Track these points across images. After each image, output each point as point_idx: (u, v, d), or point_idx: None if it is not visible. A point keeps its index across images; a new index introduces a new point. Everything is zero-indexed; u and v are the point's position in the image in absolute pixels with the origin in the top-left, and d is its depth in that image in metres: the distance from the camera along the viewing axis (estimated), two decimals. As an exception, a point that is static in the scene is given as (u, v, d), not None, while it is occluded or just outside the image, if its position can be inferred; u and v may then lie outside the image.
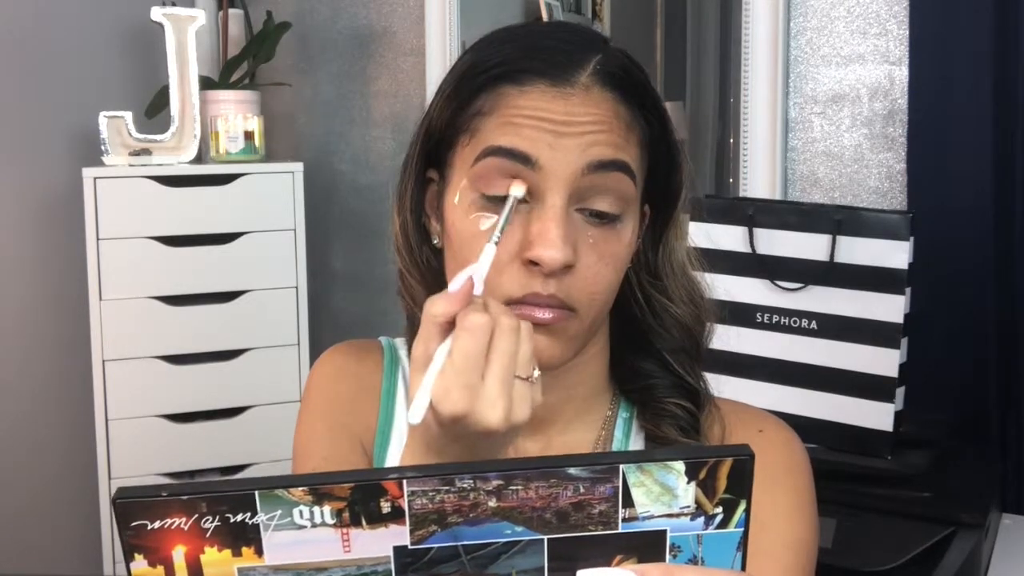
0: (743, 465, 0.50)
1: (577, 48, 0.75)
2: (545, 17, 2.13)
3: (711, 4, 2.12)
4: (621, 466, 0.50)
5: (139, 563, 0.49)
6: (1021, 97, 1.49)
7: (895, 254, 1.30)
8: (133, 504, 0.48)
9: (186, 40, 2.12)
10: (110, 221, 2.06)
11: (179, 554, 0.49)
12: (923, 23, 1.58)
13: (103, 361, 2.08)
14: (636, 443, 0.83)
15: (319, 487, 0.49)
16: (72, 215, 2.17)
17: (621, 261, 0.76)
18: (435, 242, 0.80)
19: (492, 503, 0.50)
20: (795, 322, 1.38)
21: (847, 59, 1.71)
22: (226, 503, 0.49)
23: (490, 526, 0.50)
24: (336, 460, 0.84)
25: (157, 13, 2.11)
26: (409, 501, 0.49)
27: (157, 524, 0.49)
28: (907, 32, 1.63)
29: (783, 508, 0.78)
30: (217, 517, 0.49)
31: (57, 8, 2.36)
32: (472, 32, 2.06)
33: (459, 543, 0.50)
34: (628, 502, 0.50)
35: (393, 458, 0.85)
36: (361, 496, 0.49)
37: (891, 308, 1.30)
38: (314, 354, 2.20)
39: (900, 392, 1.33)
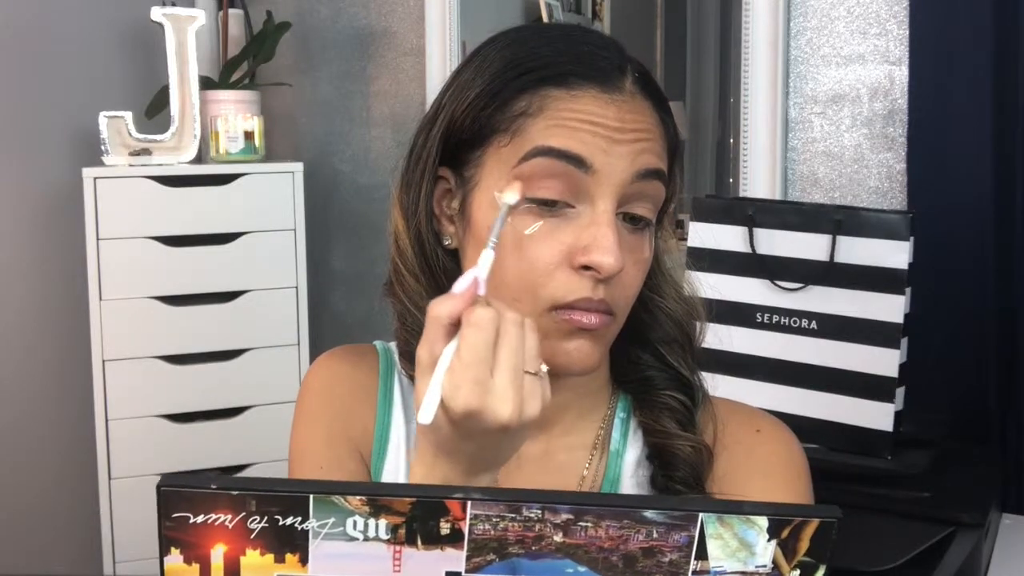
0: (828, 528, 0.48)
1: (614, 54, 0.75)
2: (545, 17, 2.13)
3: (711, 4, 2.12)
4: (701, 514, 0.47)
5: (174, 557, 0.46)
6: (1021, 97, 1.49)
7: (895, 254, 1.30)
8: (177, 494, 0.45)
9: (186, 40, 2.12)
10: (110, 221, 2.06)
11: (218, 553, 0.46)
12: (923, 23, 1.58)
13: (103, 361, 2.07)
14: (634, 442, 0.83)
15: (379, 498, 0.46)
16: (72, 215, 2.17)
17: (649, 264, 0.77)
18: (447, 243, 0.79)
19: (558, 538, 0.47)
20: (795, 322, 1.38)
21: (847, 59, 1.71)
22: (277, 504, 0.45)
23: (552, 562, 0.47)
24: (333, 467, 0.83)
25: (157, 13, 2.11)
26: (471, 525, 0.46)
27: (200, 518, 0.45)
28: (907, 32, 1.63)
29: (781, 505, 0.78)
30: (265, 518, 0.45)
31: (57, 8, 2.36)
32: (472, 32, 2.06)
33: None
34: (702, 554, 0.48)
35: (391, 464, 0.84)
36: (421, 513, 0.46)
37: (891, 308, 1.30)
38: (314, 354, 2.19)
39: (900, 392, 1.33)
